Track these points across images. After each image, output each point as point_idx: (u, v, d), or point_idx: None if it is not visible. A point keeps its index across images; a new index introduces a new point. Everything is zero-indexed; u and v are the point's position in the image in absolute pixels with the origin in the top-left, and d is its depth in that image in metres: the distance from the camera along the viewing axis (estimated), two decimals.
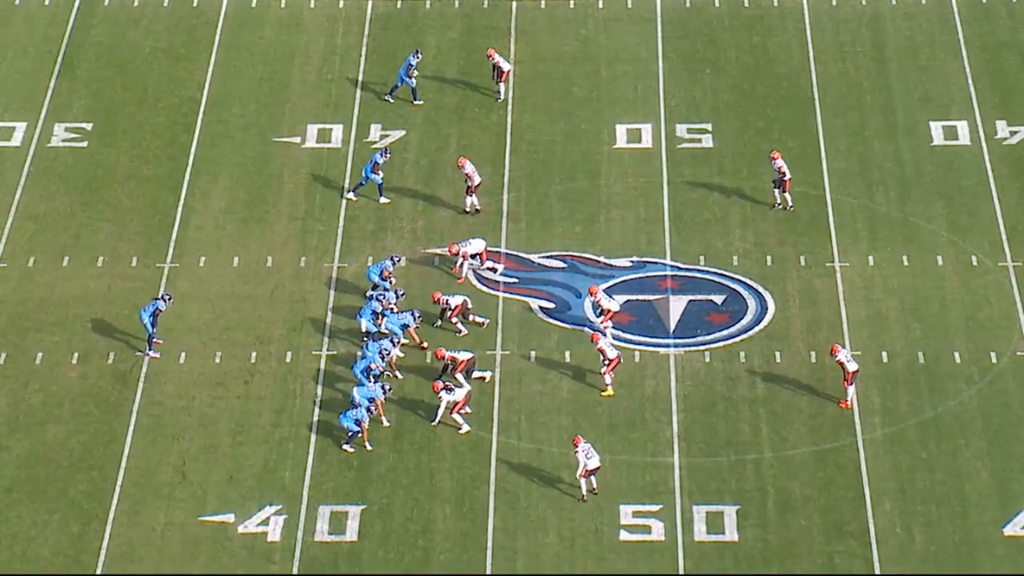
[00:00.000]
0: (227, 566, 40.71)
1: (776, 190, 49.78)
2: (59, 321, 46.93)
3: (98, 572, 40.56)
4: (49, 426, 44.13)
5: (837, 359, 44.03)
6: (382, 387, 43.34)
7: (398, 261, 47.51)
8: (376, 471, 42.97)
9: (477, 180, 49.72)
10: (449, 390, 43.57)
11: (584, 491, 41.73)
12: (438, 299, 46.09)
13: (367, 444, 42.97)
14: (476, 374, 44.60)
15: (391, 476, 42.83)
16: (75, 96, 54.53)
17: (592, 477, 41.73)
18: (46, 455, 43.40)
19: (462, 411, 43.70)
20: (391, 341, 44.88)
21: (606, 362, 44.36)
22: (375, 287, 46.47)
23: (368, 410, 42.82)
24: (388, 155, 50.10)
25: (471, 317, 46.20)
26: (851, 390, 44.07)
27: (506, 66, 52.54)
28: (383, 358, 44.43)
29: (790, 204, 49.74)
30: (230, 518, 41.87)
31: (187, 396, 44.89)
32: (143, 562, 40.84)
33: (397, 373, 44.79)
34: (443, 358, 44.32)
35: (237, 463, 43.19)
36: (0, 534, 41.48)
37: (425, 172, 51.63)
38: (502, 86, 53.72)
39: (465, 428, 43.66)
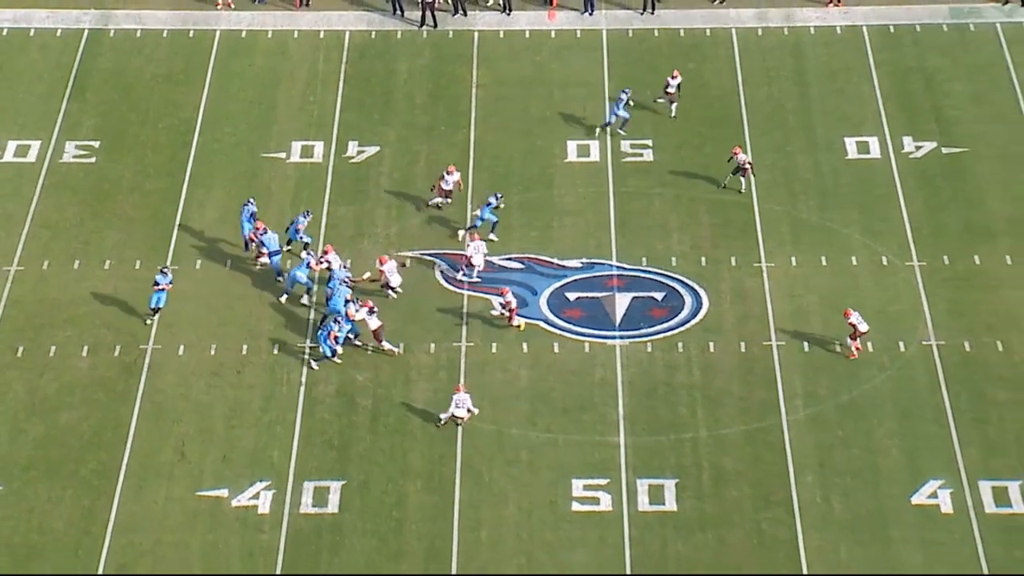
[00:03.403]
0: (222, 536, 40.75)
1: (740, 177, 50.21)
2: (70, 318, 46.81)
3: (106, 541, 40.50)
4: (62, 412, 44.04)
5: (850, 321, 44.62)
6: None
7: (308, 215, 48.47)
8: (355, 451, 43.00)
9: (448, 187, 49.70)
10: (371, 311, 44.75)
11: (444, 420, 43.07)
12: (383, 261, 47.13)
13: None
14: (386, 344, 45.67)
15: (368, 455, 42.86)
16: (84, 117, 54.33)
17: (457, 421, 42.94)
18: (59, 438, 43.34)
19: (382, 343, 45.08)
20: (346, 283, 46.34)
21: (508, 309, 45.36)
22: (305, 246, 47.93)
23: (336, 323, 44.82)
24: (497, 199, 49.30)
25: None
26: (851, 343, 44.80)
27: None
28: (348, 285, 46.07)
29: (743, 187, 50.43)
30: (224, 493, 41.88)
31: (185, 385, 44.82)
32: (146, 533, 40.85)
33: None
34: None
35: (230, 444, 43.16)
36: (19, 508, 41.51)
37: (398, 184, 51.59)
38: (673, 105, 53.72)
39: (394, 349, 45.02)
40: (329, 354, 44.81)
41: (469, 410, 43.06)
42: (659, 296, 47.48)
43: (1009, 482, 41.81)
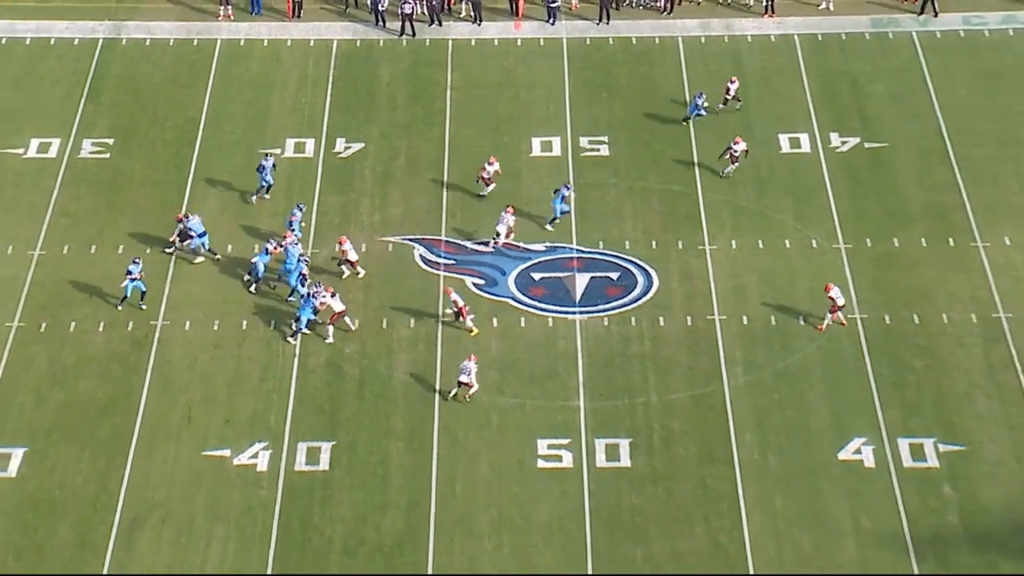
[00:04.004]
0: (225, 491, 40.66)
1: (733, 164, 50.22)
2: (88, 297, 46.55)
3: (121, 496, 40.35)
4: (81, 381, 43.83)
5: (829, 295, 44.54)
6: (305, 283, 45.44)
7: (302, 208, 48.19)
8: (343, 415, 42.90)
9: (487, 176, 49.49)
10: (332, 295, 44.47)
11: (455, 392, 42.64)
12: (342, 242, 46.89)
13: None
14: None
15: (356, 419, 42.76)
16: (99, 117, 53.99)
17: (464, 388, 42.57)
18: (78, 404, 43.13)
19: (337, 322, 44.61)
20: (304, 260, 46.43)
21: (457, 309, 44.63)
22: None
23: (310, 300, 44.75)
24: (568, 189, 48.99)
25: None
26: (829, 317, 44.74)
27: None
28: (305, 263, 46.07)
29: (729, 170, 50.44)
30: (227, 453, 41.76)
31: (191, 356, 44.62)
32: (157, 489, 40.71)
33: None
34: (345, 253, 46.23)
35: (232, 409, 43.01)
36: (42, 467, 41.36)
37: (380, 176, 51.43)
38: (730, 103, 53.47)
39: (330, 340, 44.43)
40: (304, 325, 44.48)
41: (459, 379, 42.75)
42: (614, 276, 47.44)
43: (924, 439, 41.96)
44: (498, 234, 47.86)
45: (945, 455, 41.49)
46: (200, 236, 47.42)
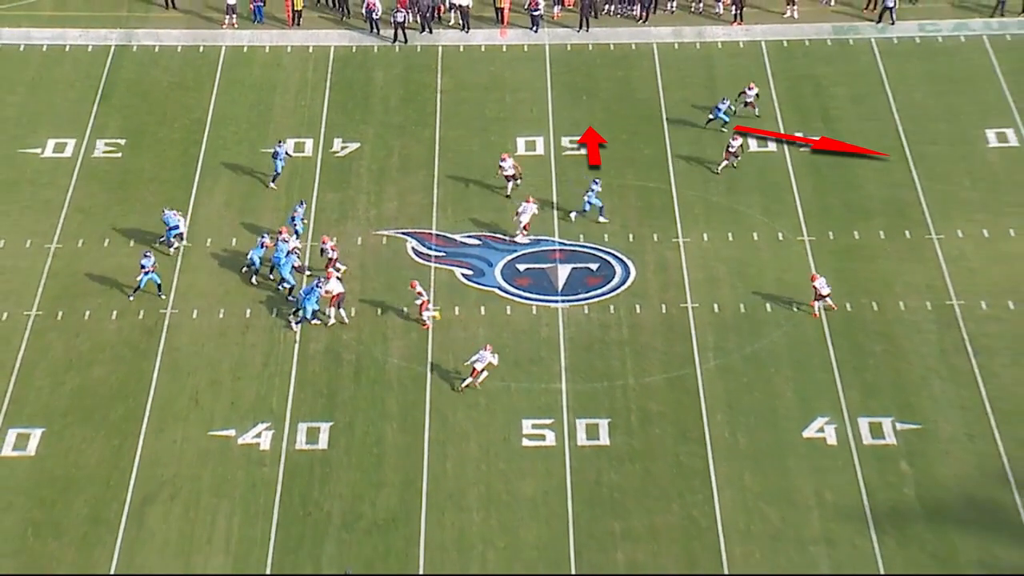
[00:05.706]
0: (230, 469, 40.48)
1: (725, 161, 50.08)
2: (101, 288, 46.29)
3: (133, 474, 40.09)
4: (95, 366, 43.58)
5: (814, 285, 44.50)
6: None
7: (303, 205, 47.82)
8: (341, 398, 42.71)
9: (509, 172, 49.11)
10: (328, 279, 44.03)
11: (466, 383, 42.11)
12: (325, 242, 46.27)
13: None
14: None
15: (352, 401, 42.58)
16: (111, 119, 53.66)
17: (480, 377, 42.03)
18: (93, 388, 42.89)
19: (336, 306, 44.07)
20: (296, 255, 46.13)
21: (420, 300, 44.18)
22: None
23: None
24: (598, 184, 48.46)
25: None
26: (817, 304, 44.61)
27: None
28: (297, 256, 45.88)
29: (733, 165, 50.32)
30: (232, 433, 41.56)
31: (198, 343, 44.38)
32: (167, 467, 40.51)
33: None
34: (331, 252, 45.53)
35: (237, 393, 42.79)
36: (59, 447, 41.13)
37: (376, 174, 51.19)
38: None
39: (332, 321, 44.04)
40: (309, 315, 44.34)
41: (473, 364, 42.39)
42: (594, 267, 47.30)
43: (882, 419, 41.93)
44: (521, 223, 47.32)
45: (902, 433, 41.46)
46: (172, 229, 46.99)
